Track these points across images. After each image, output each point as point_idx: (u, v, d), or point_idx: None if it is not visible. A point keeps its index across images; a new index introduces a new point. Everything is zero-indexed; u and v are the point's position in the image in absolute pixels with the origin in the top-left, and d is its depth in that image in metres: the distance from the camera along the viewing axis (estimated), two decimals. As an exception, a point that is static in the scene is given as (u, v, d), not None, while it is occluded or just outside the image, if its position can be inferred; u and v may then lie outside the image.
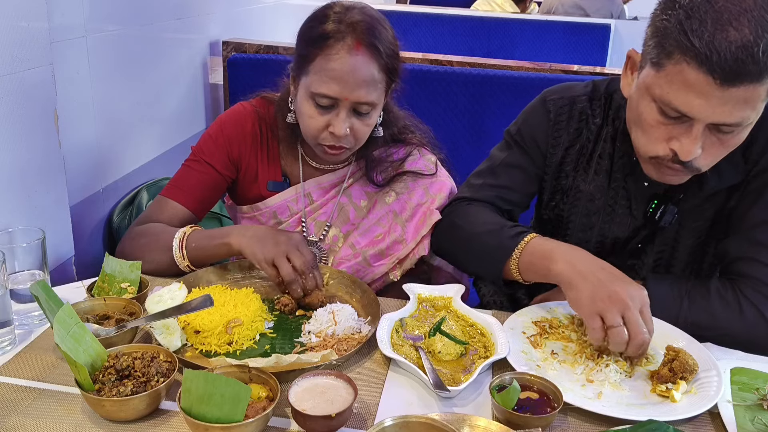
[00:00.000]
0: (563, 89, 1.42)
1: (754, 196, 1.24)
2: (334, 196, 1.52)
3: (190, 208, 1.46)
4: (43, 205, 1.40)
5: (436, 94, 2.20)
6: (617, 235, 1.38)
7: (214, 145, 1.50)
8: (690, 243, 1.34)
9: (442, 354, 1.13)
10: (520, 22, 3.91)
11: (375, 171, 1.51)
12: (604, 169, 1.36)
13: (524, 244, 1.26)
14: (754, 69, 1.00)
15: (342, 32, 1.31)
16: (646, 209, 1.33)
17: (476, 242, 1.34)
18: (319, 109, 1.35)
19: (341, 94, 1.31)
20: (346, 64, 1.30)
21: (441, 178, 1.54)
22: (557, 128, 1.39)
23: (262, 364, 1.06)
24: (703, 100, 1.04)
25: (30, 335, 1.15)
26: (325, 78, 1.31)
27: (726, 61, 1.00)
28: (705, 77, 1.02)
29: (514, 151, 1.44)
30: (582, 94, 1.39)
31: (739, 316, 1.18)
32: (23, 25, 1.29)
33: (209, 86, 2.47)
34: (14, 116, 1.29)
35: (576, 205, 1.41)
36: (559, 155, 1.40)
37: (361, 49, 1.31)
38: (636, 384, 1.08)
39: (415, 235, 1.48)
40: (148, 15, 1.99)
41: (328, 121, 1.35)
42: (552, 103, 1.40)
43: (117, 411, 0.93)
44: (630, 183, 1.33)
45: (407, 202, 1.50)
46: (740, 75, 1.00)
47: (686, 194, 1.29)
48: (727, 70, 1.00)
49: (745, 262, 1.22)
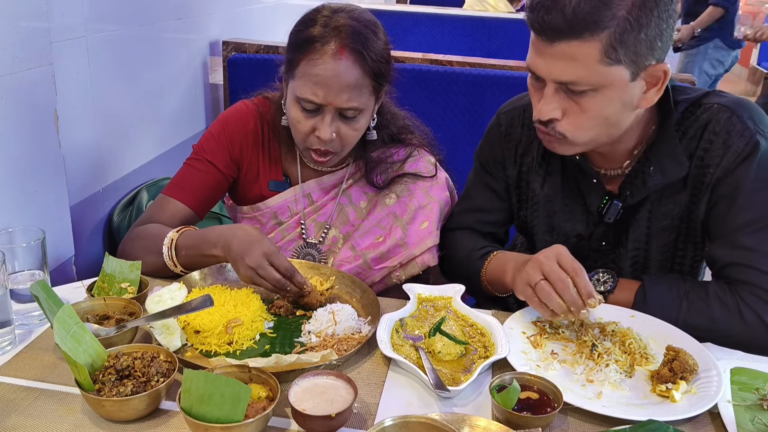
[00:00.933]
0: (515, 100, 1.49)
1: (728, 199, 1.23)
2: (334, 197, 1.52)
3: (191, 207, 1.45)
4: (43, 205, 1.40)
5: (436, 94, 2.20)
6: (579, 233, 1.40)
7: (216, 143, 1.49)
8: (660, 245, 1.34)
9: (442, 354, 1.13)
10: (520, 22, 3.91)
11: (374, 173, 1.50)
12: (556, 169, 1.39)
13: (487, 264, 1.39)
14: (565, 25, 1.10)
15: (326, 36, 1.31)
16: (599, 206, 1.35)
17: (458, 269, 1.47)
18: (305, 113, 1.34)
19: (325, 99, 1.31)
20: (330, 69, 1.29)
21: (440, 181, 1.54)
22: (509, 139, 1.45)
23: (262, 364, 1.06)
24: (540, 58, 1.16)
25: (30, 335, 1.15)
26: (309, 83, 1.31)
27: (543, 19, 1.12)
28: (536, 36, 1.16)
29: (479, 172, 1.52)
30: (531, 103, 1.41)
31: (738, 319, 1.18)
32: (23, 25, 1.29)
33: (209, 86, 2.47)
34: (14, 116, 1.29)
35: (537, 209, 1.44)
36: (516, 164, 1.45)
37: (345, 53, 1.30)
38: (636, 384, 1.08)
39: (417, 239, 1.47)
40: (148, 15, 1.99)
41: (314, 125, 1.35)
42: (504, 116, 1.47)
43: (117, 411, 0.93)
44: (581, 182, 1.37)
45: (408, 204, 1.50)
46: (556, 31, 1.11)
47: (632, 191, 1.30)
48: (546, 28, 1.12)
49: (735, 267, 1.22)
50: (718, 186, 1.24)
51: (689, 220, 1.30)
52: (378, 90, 1.39)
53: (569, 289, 1.11)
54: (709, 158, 1.24)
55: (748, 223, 1.21)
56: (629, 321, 1.23)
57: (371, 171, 1.50)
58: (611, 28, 1.09)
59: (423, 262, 1.47)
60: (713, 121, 1.24)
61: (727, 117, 1.23)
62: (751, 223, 1.21)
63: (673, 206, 1.30)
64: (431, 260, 1.47)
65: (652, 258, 1.36)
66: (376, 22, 1.38)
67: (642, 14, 1.09)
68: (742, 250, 1.21)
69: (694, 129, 1.25)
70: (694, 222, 1.30)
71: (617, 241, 1.37)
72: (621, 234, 1.36)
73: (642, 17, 1.09)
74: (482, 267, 1.39)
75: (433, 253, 1.48)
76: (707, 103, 1.26)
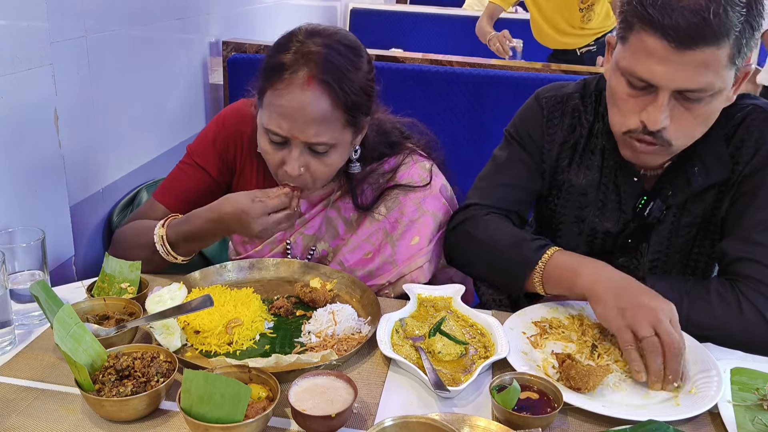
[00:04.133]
0: (555, 87, 1.44)
1: (749, 197, 1.25)
2: (322, 209, 1.46)
3: (179, 213, 1.40)
4: (43, 205, 1.40)
5: (436, 94, 2.20)
6: (607, 230, 1.39)
7: (211, 147, 1.46)
8: (681, 242, 1.35)
9: (442, 354, 1.13)
10: (520, 22, 3.92)
11: (360, 189, 1.42)
12: (596, 164, 1.38)
13: (547, 258, 1.25)
14: (707, 32, 1.04)
15: (296, 65, 1.22)
16: (635, 205, 1.34)
17: (497, 256, 1.32)
18: (273, 146, 1.28)
19: (290, 132, 1.23)
20: (294, 101, 1.21)
21: (434, 190, 1.45)
22: (550, 125, 1.41)
23: (262, 364, 1.06)
24: (662, 66, 1.09)
25: (30, 335, 1.15)
26: (275, 114, 1.24)
27: (679, 25, 1.04)
28: (661, 43, 1.07)
29: (514, 148, 1.45)
30: (574, 92, 1.42)
31: (739, 316, 1.18)
32: (23, 25, 1.29)
33: (209, 86, 2.47)
34: (14, 116, 1.29)
35: (569, 200, 1.42)
36: (554, 151, 1.41)
37: (313, 84, 1.21)
38: (636, 384, 1.08)
39: (407, 257, 1.40)
40: (148, 15, 1.99)
41: (282, 158, 1.28)
42: (545, 101, 1.42)
43: (117, 411, 0.93)
44: (620, 178, 1.36)
45: (399, 219, 1.42)
46: (694, 38, 1.05)
47: (674, 191, 1.30)
48: (681, 34, 1.05)
49: (744, 262, 1.22)
50: (743, 184, 1.25)
51: (712, 217, 1.31)
52: (354, 123, 1.29)
53: (679, 358, 1.04)
54: (739, 156, 1.25)
55: (765, 221, 1.22)
56: (629, 321, 1.22)
57: (357, 189, 1.42)
58: (737, 33, 1.07)
59: (413, 280, 1.40)
60: (748, 121, 1.25)
61: (763, 118, 1.24)
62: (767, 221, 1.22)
63: (699, 203, 1.31)
64: (421, 278, 1.40)
65: (672, 255, 1.36)
66: (358, 48, 1.29)
67: (757, 16, 1.08)
68: (754, 246, 1.22)
69: (729, 128, 1.26)
70: (716, 219, 1.31)
71: (642, 238, 1.37)
72: (646, 231, 1.36)
73: (756, 19, 1.08)
74: (539, 259, 1.25)
75: (425, 270, 1.40)
76: (743, 103, 1.27)
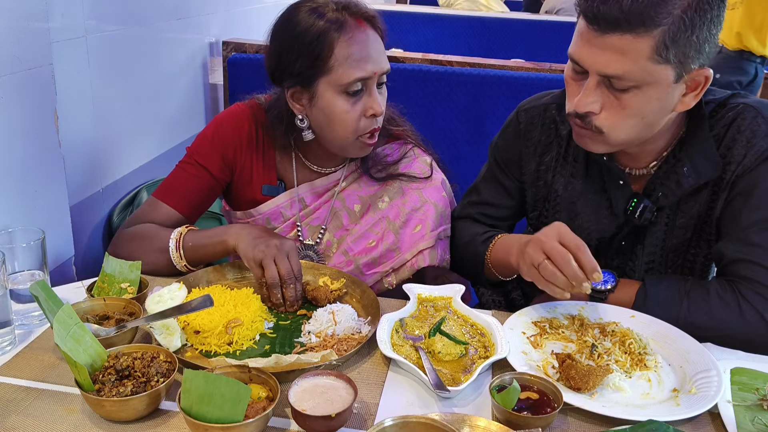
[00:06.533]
0: (535, 99, 1.48)
1: (744, 197, 1.24)
2: (328, 200, 1.50)
3: (182, 212, 1.44)
4: (43, 205, 1.40)
5: (436, 94, 2.20)
6: (602, 235, 1.39)
7: (210, 146, 1.47)
8: (676, 243, 1.35)
9: (442, 354, 1.13)
10: (520, 22, 3.91)
11: (372, 170, 1.49)
12: (580, 172, 1.39)
13: (492, 246, 1.38)
14: (621, 17, 1.09)
15: (340, 19, 1.31)
16: (626, 207, 1.34)
17: (462, 255, 1.47)
18: (353, 100, 1.34)
19: (372, 71, 1.33)
20: (363, 41, 1.32)
21: (435, 182, 1.50)
22: (528, 137, 1.44)
23: (262, 364, 1.06)
24: (586, 49, 1.15)
25: (30, 335, 1.15)
26: (353, 63, 1.31)
27: (599, 10, 1.10)
28: (586, 25, 1.14)
29: (492, 167, 1.52)
30: (552, 102, 1.43)
31: (738, 317, 1.18)
32: (23, 25, 1.29)
33: (209, 86, 2.47)
34: (14, 116, 1.29)
35: (558, 210, 1.44)
36: (533, 163, 1.44)
37: (364, 23, 1.34)
38: (636, 384, 1.08)
39: (410, 244, 1.45)
40: (148, 15, 1.99)
41: (363, 107, 1.35)
42: (523, 114, 1.46)
43: (117, 411, 0.93)
44: (608, 183, 1.36)
45: (401, 208, 1.47)
46: (610, 23, 1.10)
47: (665, 192, 1.30)
48: (599, 18, 1.10)
49: (741, 264, 1.22)
50: (737, 183, 1.25)
51: (707, 217, 1.31)
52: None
53: (571, 265, 1.12)
54: (731, 156, 1.25)
55: (760, 221, 1.22)
56: (629, 321, 1.22)
57: (370, 167, 1.49)
58: (665, 25, 1.09)
59: (413, 266, 1.44)
60: (738, 120, 1.25)
61: (753, 117, 1.24)
62: (764, 221, 1.22)
63: (693, 204, 1.31)
64: (422, 262, 1.44)
65: (667, 256, 1.36)
66: None
67: (696, 15, 1.09)
68: (751, 247, 1.22)
69: (719, 127, 1.26)
70: (711, 220, 1.31)
71: (636, 240, 1.37)
72: (640, 233, 1.36)
73: (696, 18, 1.09)
74: (486, 250, 1.39)
75: (425, 255, 1.45)
76: (733, 103, 1.27)
